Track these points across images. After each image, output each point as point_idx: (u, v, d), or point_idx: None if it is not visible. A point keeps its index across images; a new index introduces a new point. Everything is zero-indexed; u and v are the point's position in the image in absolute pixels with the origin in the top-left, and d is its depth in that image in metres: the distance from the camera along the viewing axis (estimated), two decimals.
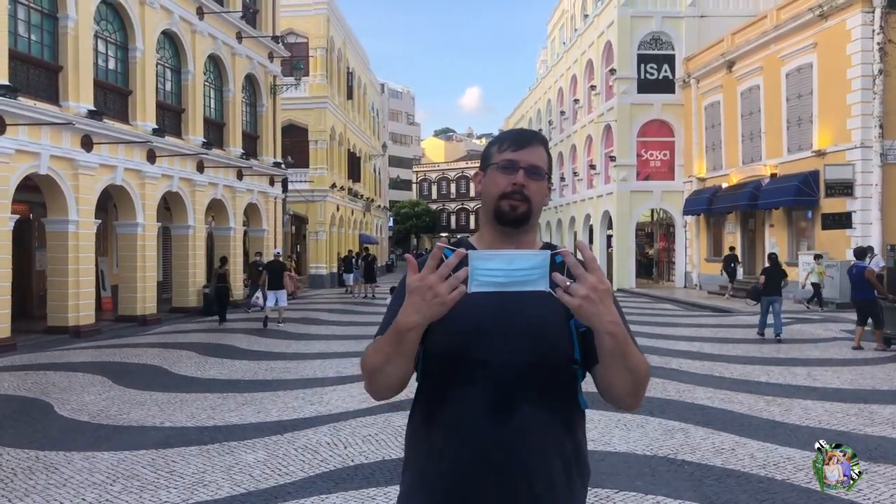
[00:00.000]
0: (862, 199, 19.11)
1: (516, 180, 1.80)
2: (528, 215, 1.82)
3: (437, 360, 1.78)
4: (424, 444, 1.79)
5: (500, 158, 1.84)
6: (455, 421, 1.73)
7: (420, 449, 1.82)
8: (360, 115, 44.86)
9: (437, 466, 1.76)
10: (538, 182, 1.83)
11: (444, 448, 1.74)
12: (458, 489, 1.72)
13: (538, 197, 1.83)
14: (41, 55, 15.21)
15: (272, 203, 27.21)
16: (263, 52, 26.37)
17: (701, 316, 19.60)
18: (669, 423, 7.27)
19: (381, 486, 5.42)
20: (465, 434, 1.71)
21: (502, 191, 1.82)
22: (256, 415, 7.97)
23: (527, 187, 1.81)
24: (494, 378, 1.71)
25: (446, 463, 1.73)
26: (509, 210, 1.81)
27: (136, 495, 5.32)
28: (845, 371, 10.42)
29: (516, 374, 1.69)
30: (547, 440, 1.73)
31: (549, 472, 1.73)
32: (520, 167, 1.81)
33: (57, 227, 15.57)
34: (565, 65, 40.11)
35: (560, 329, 1.76)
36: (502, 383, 1.69)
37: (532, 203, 1.82)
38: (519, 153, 1.83)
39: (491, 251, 1.56)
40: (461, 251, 1.55)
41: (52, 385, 9.89)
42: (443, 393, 1.77)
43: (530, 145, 1.84)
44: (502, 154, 1.85)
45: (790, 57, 22.20)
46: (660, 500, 5.07)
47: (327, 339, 14.80)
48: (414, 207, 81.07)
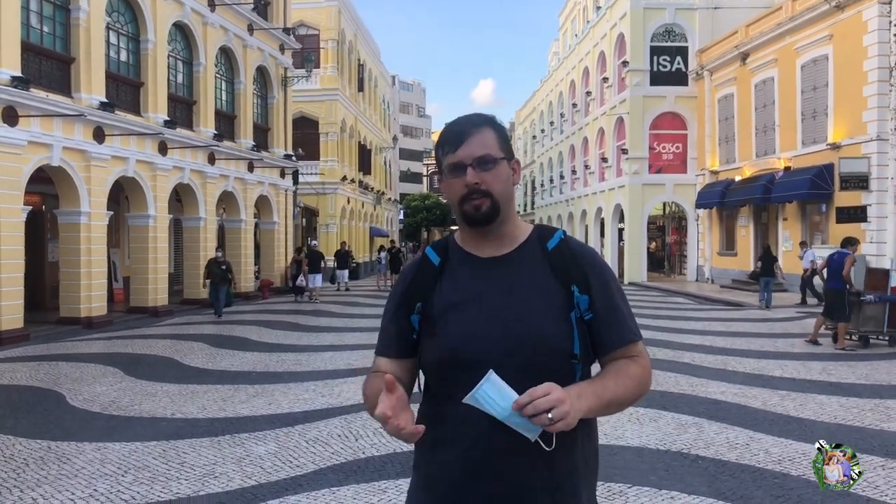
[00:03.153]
0: (877, 193, 18.88)
1: (467, 181, 1.73)
2: (496, 209, 1.74)
3: (434, 367, 1.76)
4: (429, 446, 1.75)
5: (447, 163, 1.77)
6: (456, 423, 1.69)
7: (425, 450, 1.78)
8: (370, 107, 44.81)
9: (440, 468, 1.73)
10: (492, 170, 1.74)
11: (446, 451, 1.71)
12: (461, 492, 1.69)
13: (498, 185, 1.74)
14: (53, 47, 15.24)
15: (283, 195, 27.23)
16: (275, 44, 26.35)
17: (713, 310, 19.48)
18: (683, 417, 7.20)
19: (393, 479, 5.39)
20: (465, 437, 1.67)
21: (459, 195, 1.75)
22: (267, 407, 7.97)
23: (482, 181, 1.73)
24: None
25: (450, 466, 1.70)
26: (474, 211, 1.74)
27: (147, 486, 5.31)
28: (861, 366, 10.31)
29: (514, 375, 1.61)
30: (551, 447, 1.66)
31: (553, 473, 1.68)
32: (466, 165, 1.73)
33: (69, 219, 15.63)
34: (577, 57, 39.88)
35: (559, 325, 1.71)
36: None
37: (494, 194, 1.74)
38: (460, 150, 1.74)
39: (510, 390, 1.53)
40: None
41: (64, 376, 9.94)
42: (443, 396, 1.74)
43: (469, 135, 1.75)
44: (446, 157, 1.77)
45: (805, 49, 21.95)
46: (674, 496, 5.01)
47: (339, 332, 14.81)
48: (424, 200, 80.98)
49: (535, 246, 1.81)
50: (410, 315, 1.81)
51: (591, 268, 1.78)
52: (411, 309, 1.81)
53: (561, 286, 1.74)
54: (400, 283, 1.89)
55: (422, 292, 1.80)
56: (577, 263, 1.77)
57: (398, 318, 1.84)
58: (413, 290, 1.82)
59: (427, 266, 1.84)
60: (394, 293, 1.89)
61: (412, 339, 1.81)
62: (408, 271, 1.88)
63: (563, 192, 44.47)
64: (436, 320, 1.75)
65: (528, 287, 1.73)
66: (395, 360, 1.83)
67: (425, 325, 1.78)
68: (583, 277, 1.75)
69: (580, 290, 1.74)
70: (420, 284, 1.81)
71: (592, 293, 1.75)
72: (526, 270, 1.76)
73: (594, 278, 1.77)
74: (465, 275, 1.79)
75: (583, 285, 1.74)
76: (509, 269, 1.77)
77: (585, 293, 1.74)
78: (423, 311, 1.78)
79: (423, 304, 1.78)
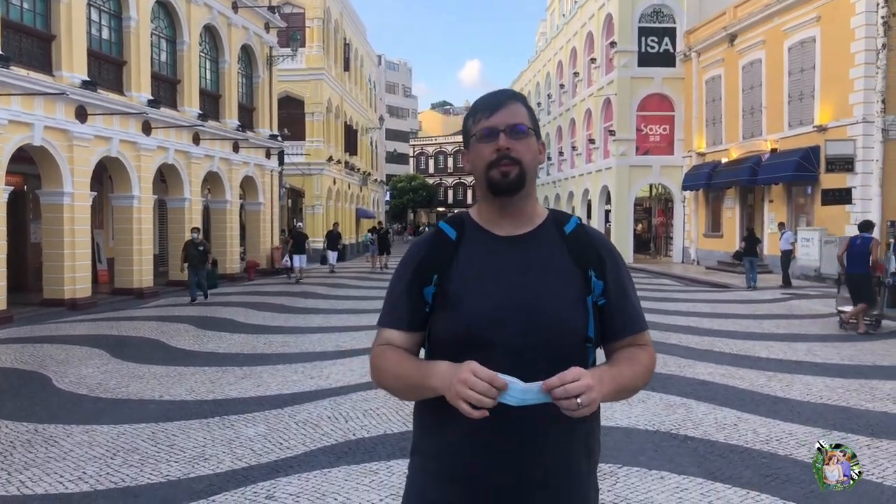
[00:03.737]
0: (862, 175, 19.03)
1: (499, 145, 1.71)
2: (522, 178, 1.73)
3: (447, 343, 1.71)
4: (434, 426, 1.74)
5: (478, 129, 1.75)
6: None
7: (429, 431, 1.76)
8: (356, 87, 44.45)
9: (447, 449, 1.70)
10: (524, 140, 1.73)
11: (454, 430, 1.68)
12: (469, 472, 1.67)
13: (528, 155, 1.73)
14: (34, 24, 14.94)
15: (268, 176, 27.02)
16: (259, 22, 26.01)
17: (699, 291, 19.61)
18: (671, 398, 7.25)
19: (384, 461, 5.39)
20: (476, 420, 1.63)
21: (488, 160, 1.72)
22: (256, 388, 7.94)
23: (512, 149, 1.71)
24: (506, 360, 1.63)
25: (457, 446, 1.68)
26: (501, 178, 1.72)
27: (136, 469, 5.28)
28: (846, 347, 10.41)
29: (529, 356, 1.62)
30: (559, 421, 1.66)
31: (561, 454, 1.68)
32: (499, 131, 1.71)
33: (52, 200, 15.42)
34: (565, 37, 39.69)
35: (576, 308, 1.70)
36: (514, 365, 1.61)
37: (523, 163, 1.72)
38: (494, 117, 1.73)
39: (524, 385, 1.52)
40: (499, 380, 1.51)
41: (49, 358, 9.84)
42: None
43: (504, 105, 1.74)
44: (478, 124, 1.75)
45: (793, 30, 21.96)
46: (664, 476, 5.05)
47: (326, 314, 14.76)
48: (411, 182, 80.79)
49: (551, 228, 1.80)
50: (424, 287, 1.75)
51: (607, 254, 1.79)
52: (426, 281, 1.75)
53: (578, 270, 1.73)
54: (412, 256, 1.82)
55: (438, 265, 1.75)
56: (594, 249, 1.77)
57: (412, 291, 1.77)
58: (429, 262, 1.77)
59: (443, 239, 1.80)
60: (405, 265, 1.82)
61: (425, 312, 1.77)
62: (421, 243, 1.84)
63: (549, 173, 44.45)
64: (451, 295, 1.71)
65: (546, 268, 1.71)
66: (406, 332, 1.78)
67: (439, 300, 1.74)
68: (600, 263, 1.76)
69: (596, 276, 1.74)
70: (435, 258, 1.76)
71: (608, 279, 1.76)
72: (544, 251, 1.75)
73: (610, 265, 1.77)
74: (481, 251, 1.76)
75: (599, 271, 1.75)
76: (527, 249, 1.75)
77: (601, 279, 1.75)
78: (438, 285, 1.74)
79: (439, 278, 1.74)
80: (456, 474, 1.69)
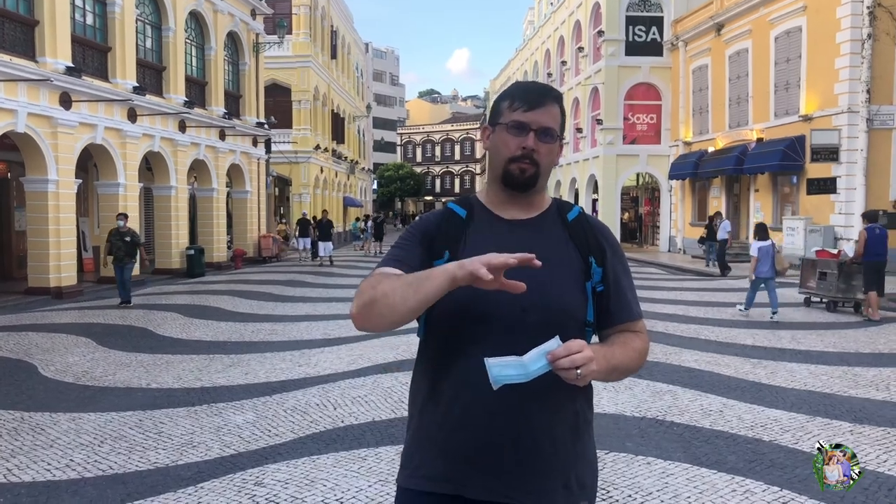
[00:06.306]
0: (847, 165, 19.16)
1: (526, 144, 1.75)
2: (536, 179, 1.79)
3: (448, 316, 1.72)
4: (430, 403, 1.77)
5: (511, 119, 1.77)
6: (462, 381, 1.70)
7: (426, 408, 1.78)
8: (344, 75, 44.22)
9: (443, 426, 1.73)
10: (549, 144, 1.78)
11: (450, 408, 1.72)
12: (465, 447, 1.70)
13: (547, 160, 1.79)
14: (16, 9, 14.72)
15: (255, 164, 26.87)
16: (246, 8, 25.78)
17: (685, 279, 19.74)
18: (657, 385, 7.31)
19: (372, 447, 5.41)
20: (472, 394, 1.68)
21: (511, 154, 1.77)
22: (244, 376, 7.93)
23: (537, 151, 1.76)
24: (503, 338, 1.67)
25: (453, 422, 1.71)
26: (518, 174, 1.77)
27: (124, 456, 5.27)
28: (829, 334, 10.53)
29: (525, 334, 1.66)
30: (554, 400, 1.72)
31: (555, 432, 1.72)
32: (531, 129, 1.75)
33: (36, 187, 15.26)
34: (553, 26, 39.64)
35: (575, 290, 1.76)
36: (511, 343, 1.64)
37: (541, 166, 1.78)
38: (530, 114, 1.76)
39: (503, 360, 1.53)
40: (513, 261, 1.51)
41: (35, 346, 9.78)
42: (449, 352, 1.73)
43: (543, 105, 1.78)
44: (513, 114, 1.78)
45: (780, 20, 22.03)
46: (650, 461, 5.10)
47: (313, 302, 14.74)
48: (398, 170, 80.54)
49: (555, 215, 1.85)
50: (434, 260, 1.74)
51: (607, 243, 1.85)
52: (436, 254, 1.76)
53: (579, 256, 1.79)
54: (419, 228, 1.83)
55: (449, 242, 1.78)
56: (595, 237, 1.83)
57: (422, 252, 1.77)
58: (440, 238, 1.79)
59: (453, 218, 1.84)
60: (412, 235, 1.82)
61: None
62: (431, 219, 1.86)
63: None
64: None
65: (549, 252, 1.73)
66: None
67: None
68: (600, 250, 1.82)
69: (596, 263, 1.80)
70: (446, 234, 1.80)
71: (607, 267, 1.82)
72: (548, 236, 1.81)
73: (610, 253, 1.84)
74: (488, 232, 1.80)
75: (599, 258, 1.81)
76: (532, 233, 1.80)
77: (601, 266, 1.81)
78: (449, 260, 1.72)
79: (450, 254, 1.76)
80: (450, 448, 1.72)
